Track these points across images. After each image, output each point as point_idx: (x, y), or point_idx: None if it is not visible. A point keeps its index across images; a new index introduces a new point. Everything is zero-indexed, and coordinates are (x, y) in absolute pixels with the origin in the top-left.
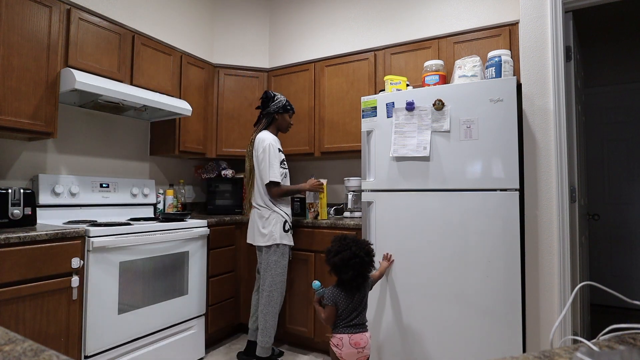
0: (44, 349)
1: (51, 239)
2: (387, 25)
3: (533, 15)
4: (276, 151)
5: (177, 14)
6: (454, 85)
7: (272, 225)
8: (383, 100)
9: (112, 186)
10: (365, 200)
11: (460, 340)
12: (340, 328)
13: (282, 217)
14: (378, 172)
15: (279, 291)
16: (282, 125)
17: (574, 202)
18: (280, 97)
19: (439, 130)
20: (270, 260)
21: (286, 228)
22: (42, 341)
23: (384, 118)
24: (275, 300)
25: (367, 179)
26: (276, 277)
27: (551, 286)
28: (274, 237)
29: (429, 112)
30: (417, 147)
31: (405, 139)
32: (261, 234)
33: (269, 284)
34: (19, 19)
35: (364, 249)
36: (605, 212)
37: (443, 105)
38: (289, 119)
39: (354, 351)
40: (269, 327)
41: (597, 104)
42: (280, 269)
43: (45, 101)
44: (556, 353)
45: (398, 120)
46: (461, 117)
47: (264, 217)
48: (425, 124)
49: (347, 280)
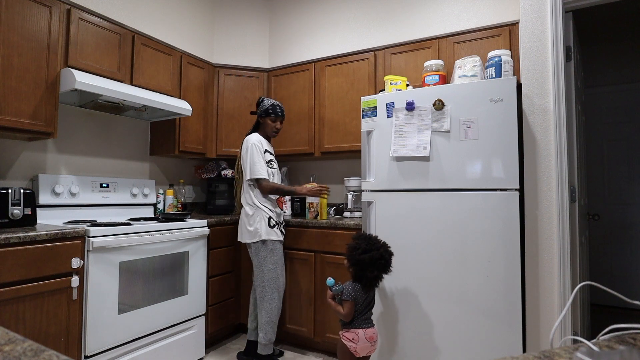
0: (44, 349)
1: (51, 239)
2: (387, 25)
3: (533, 15)
4: (260, 151)
5: (177, 14)
6: (454, 85)
7: (257, 222)
8: (383, 100)
9: (112, 186)
10: (365, 200)
11: (460, 340)
12: (357, 323)
13: (265, 214)
14: (378, 172)
15: (273, 287)
16: (266, 129)
17: (574, 202)
18: (266, 101)
19: (439, 130)
20: (259, 256)
21: (271, 224)
22: (42, 341)
23: (384, 118)
24: (270, 296)
25: (367, 179)
26: (267, 273)
27: (551, 286)
28: (259, 233)
29: (429, 112)
30: (417, 147)
31: (405, 139)
32: (247, 231)
33: (260, 280)
34: (19, 19)
35: (389, 251)
36: (605, 212)
37: (443, 105)
38: (272, 124)
39: (368, 345)
40: (265, 323)
41: (597, 104)
42: (271, 264)
43: (45, 101)
44: (556, 353)
45: (398, 120)
46: (461, 117)
47: (249, 214)
48: (425, 124)
49: (371, 278)
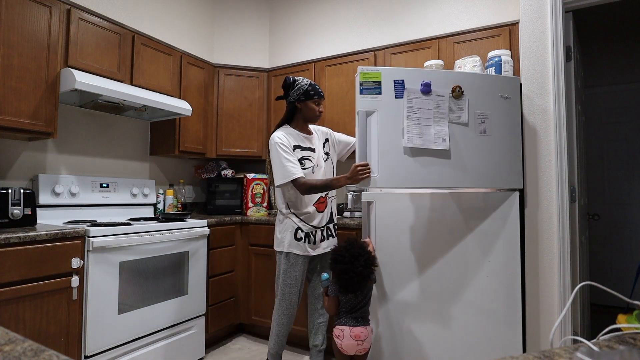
0: (44, 349)
1: (51, 239)
2: (387, 25)
3: (533, 15)
4: (285, 148)
5: (177, 14)
6: (470, 74)
7: (284, 231)
8: (390, 76)
9: (112, 186)
10: (365, 200)
11: (460, 340)
12: (343, 320)
13: (294, 224)
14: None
15: (287, 302)
16: (308, 115)
17: (574, 202)
18: (302, 81)
19: (455, 121)
20: (280, 267)
21: (298, 236)
22: (42, 341)
23: (391, 98)
24: (283, 310)
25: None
26: (284, 288)
27: (551, 286)
28: (284, 244)
29: (447, 99)
30: (435, 138)
31: (422, 127)
32: (276, 238)
33: (279, 291)
34: (19, 19)
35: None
36: (605, 212)
37: (462, 94)
38: (315, 106)
39: (354, 343)
40: (275, 333)
41: (597, 104)
42: (290, 280)
43: (45, 101)
44: (556, 353)
45: (411, 103)
46: (477, 110)
47: (280, 221)
48: (443, 112)
49: (344, 288)
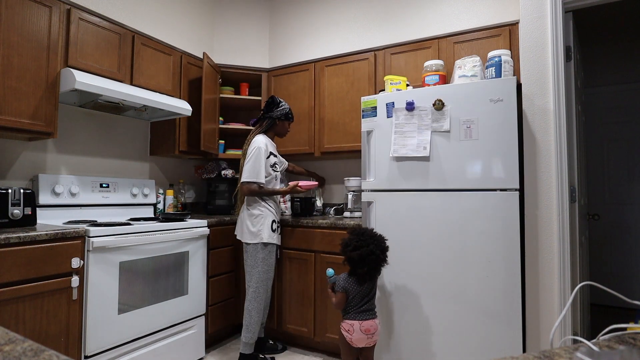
0: (44, 349)
1: (51, 239)
2: (387, 25)
3: (533, 15)
4: (264, 155)
5: (177, 14)
6: (454, 85)
7: (260, 225)
8: (383, 100)
9: (112, 186)
10: (365, 200)
11: (460, 340)
12: (352, 314)
13: (270, 217)
14: (378, 172)
15: (265, 288)
16: (280, 131)
17: (574, 202)
18: (285, 104)
19: (439, 130)
20: (257, 257)
21: (273, 227)
22: (42, 341)
23: (384, 118)
24: (261, 296)
25: (367, 179)
26: (262, 275)
27: (551, 286)
28: (261, 236)
29: (429, 112)
30: (417, 147)
31: (406, 139)
32: (250, 231)
33: (255, 280)
34: (19, 19)
35: (381, 246)
36: (605, 212)
37: (443, 105)
38: (287, 127)
39: (364, 337)
40: (254, 322)
41: (597, 104)
42: (267, 266)
43: (45, 101)
44: (556, 353)
45: (398, 120)
46: (461, 117)
47: (254, 215)
48: (425, 124)
49: (362, 274)
